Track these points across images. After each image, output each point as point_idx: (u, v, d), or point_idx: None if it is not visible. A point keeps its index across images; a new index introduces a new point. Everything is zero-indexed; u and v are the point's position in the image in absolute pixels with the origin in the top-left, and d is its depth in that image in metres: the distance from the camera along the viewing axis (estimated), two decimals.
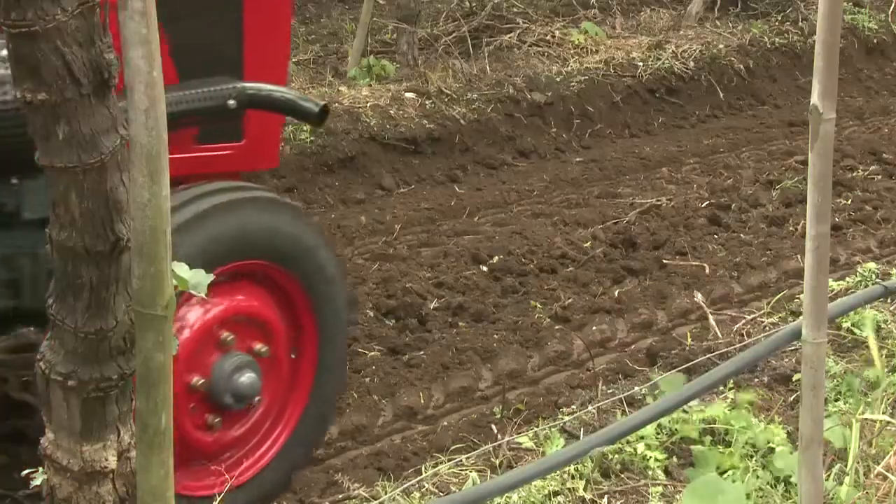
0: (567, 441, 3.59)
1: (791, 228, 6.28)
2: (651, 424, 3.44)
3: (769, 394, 4.01)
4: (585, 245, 6.01)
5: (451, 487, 3.37)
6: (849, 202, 6.66)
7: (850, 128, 8.35)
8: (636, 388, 3.99)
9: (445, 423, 4.43)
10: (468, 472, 3.43)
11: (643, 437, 3.55)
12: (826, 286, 2.49)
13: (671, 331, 5.16)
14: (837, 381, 3.93)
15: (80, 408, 1.99)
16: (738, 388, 3.97)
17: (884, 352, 3.95)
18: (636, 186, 7.00)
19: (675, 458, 3.56)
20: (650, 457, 3.51)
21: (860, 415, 3.53)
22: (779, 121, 8.52)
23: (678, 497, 3.20)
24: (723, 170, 7.34)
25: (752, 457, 3.49)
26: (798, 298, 4.61)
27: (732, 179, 7.10)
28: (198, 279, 1.85)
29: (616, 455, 3.48)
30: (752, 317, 4.94)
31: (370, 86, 7.60)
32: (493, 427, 4.23)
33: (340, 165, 6.81)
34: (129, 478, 2.03)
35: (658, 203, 6.58)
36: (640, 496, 3.35)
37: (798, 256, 5.69)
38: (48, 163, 1.89)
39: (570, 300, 5.37)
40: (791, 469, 3.33)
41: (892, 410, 3.70)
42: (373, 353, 4.82)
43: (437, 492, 3.35)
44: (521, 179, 7.13)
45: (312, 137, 6.74)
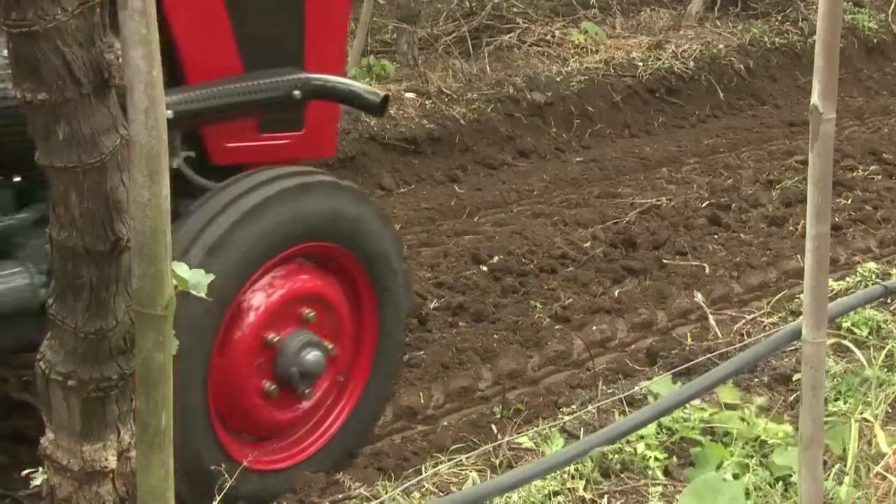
0: (567, 441, 3.59)
1: (791, 228, 6.28)
2: (651, 424, 3.44)
3: (769, 394, 4.01)
4: (585, 245, 6.01)
5: (451, 487, 3.37)
6: (849, 202, 6.66)
7: (850, 128, 8.35)
8: (636, 388, 3.99)
9: (445, 423, 4.43)
10: (468, 472, 3.43)
11: (643, 437, 3.55)
12: (826, 286, 2.49)
13: (671, 331, 5.16)
14: (837, 381, 3.93)
15: (80, 408, 1.99)
16: (746, 391, 3.97)
17: (883, 352, 3.95)
18: (636, 186, 7.00)
19: (675, 458, 3.56)
20: (650, 456, 3.50)
21: (859, 415, 3.53)
22: (779, 121, 8.53)
23: (678, 497, 3.20)
24: (723, 170, 7.34)
25: (752, 456, 3.49)
26: (798, 298, 4.60)
27: (732, 179, 7.10)
28: (198, 279, 1.85)
29: (616, 455, 3.48)
30: (752, 317, 4.93)
31: (370, 85, 7.59)
32: (493, 427, 4.22)
33: (340, 165, 6.80)
34: (129, 478, 2.03)
35: (658, 203, 6.58)
36: (640, 496, 3.35)
37: (798, 256, 5.69)
38: (48, 163, 1.89)
39: (570, 300, 5.37)
40: (791, 468, 3.33)
41: (893, 410, 3.71)
42: None
43: (437, 492, 3.34)
44: (521, 179, 7.13)
45: None
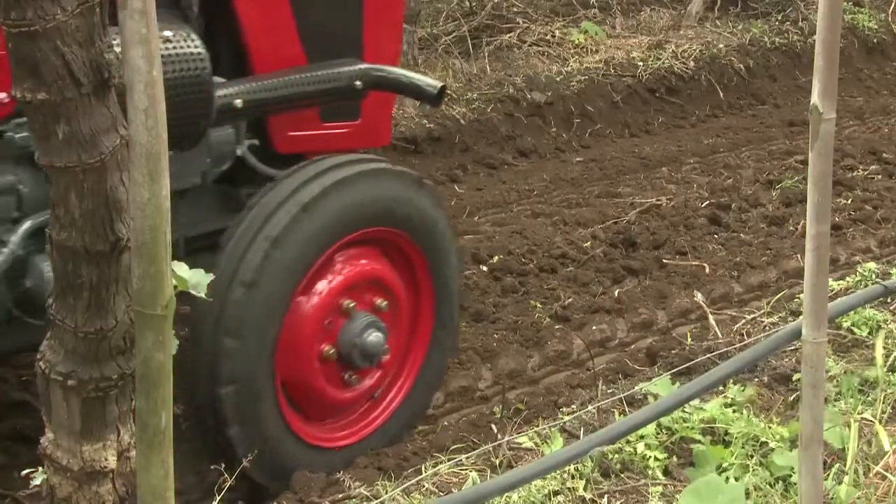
0: (567, 441, 3.59)
1: (791, 228, 6.28)
2: (651, 424, 3.44)
3: (769, 393, 4.00)
4: (585, 245, 6.00)
5: (451, 487, 3.37)
6: (849, 202, 6.66)
7: (850, 127, 8.35)
8: (636, 388, 3.99)
9: (445, 423, 4.43)
10: (468, 472, 3.42)
11: (643, 437, 3.55)
12: (826, 286, 2.49)
13: (671, 330, 5.16)
14: (837, 381, 3.93)
15: (80, 407, 2.00)
16: (742, 386, 3.97)
17: (883, 351, 3.95)
18: (636, 186, 7.00)
19: (675, 458, 3.56)
20: (650, 456, 3.50)
21: (859, 414, 3.53)
22: (779, 120, 8.52)
23: (678, 497, 3.20)
24: (723, 169, 7.34)
25: (752, 456, 3.49)
26: (798, 298, 4.60)
27: (732, 179, 7.10)
28: (197, 279, 1.84)
29: (616, 455, 3.48)
30: (752, 316, 4.93)
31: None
32: (493, 427, 4.22)
33: None
34: (129, 478, 2.03)
35: (658, 203, 6.58)
36: (640, 496, 3.35)
37: (798, 256, 5.69)
38: (48, 162, 1.89)
39: (570, 300, 5.37)
40: (791, 467, 3.33)
41: (893, 410, 3.70)
42: None
43: (437, 491, 3.34)
44: (521, 179, 7.13)
45: None
